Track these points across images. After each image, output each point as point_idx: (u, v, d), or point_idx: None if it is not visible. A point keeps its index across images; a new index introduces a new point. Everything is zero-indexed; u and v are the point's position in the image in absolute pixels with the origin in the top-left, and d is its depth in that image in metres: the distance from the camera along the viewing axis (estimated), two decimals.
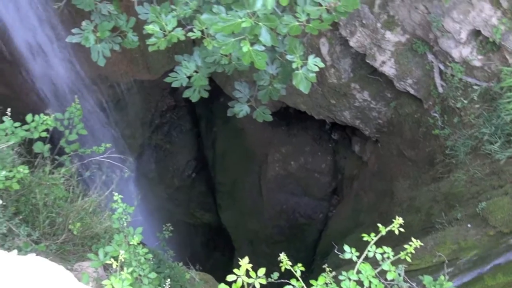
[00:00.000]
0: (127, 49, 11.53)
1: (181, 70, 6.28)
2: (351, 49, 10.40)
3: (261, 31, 5.09)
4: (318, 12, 5.41)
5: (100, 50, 6.50)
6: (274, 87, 6.73)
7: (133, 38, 6.64)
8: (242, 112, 7.07)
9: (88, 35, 6.43)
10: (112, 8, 6.51)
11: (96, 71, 12.66)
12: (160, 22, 5.78)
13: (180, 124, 17.11)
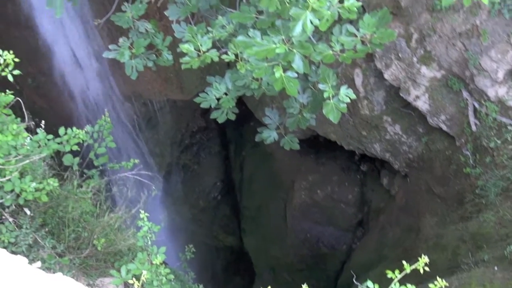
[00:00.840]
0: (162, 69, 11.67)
1: (211, 92, 6.32)
2: (385, 81, 10.36)
3: (295, 57, 5.10)
4: (352, 42, 5.41)
5: (134, 65, 6.58)
6: (304, 116, 6.71)
7: (168, 57, 6.70)
8: (269, 139, 7.07)
9: (124, 51, 6.51)
10: (149, 26, 6.61)
11: (130, 88, 12.80)
12: (195, 42, 5.83)
13: (209, 145, 17.17)
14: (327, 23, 4.70)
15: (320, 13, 4.62)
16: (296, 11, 4.65)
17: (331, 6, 4.74)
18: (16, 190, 5.00)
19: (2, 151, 4.98)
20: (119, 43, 6.46)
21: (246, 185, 17.00)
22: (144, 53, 6.48)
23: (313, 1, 4.59)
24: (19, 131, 5.24)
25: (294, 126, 6.80)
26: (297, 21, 4.65)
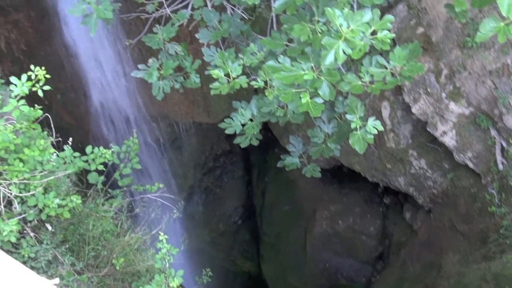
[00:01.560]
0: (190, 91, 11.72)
1: (236, 117, 6.36)
2: (412, 115, 10.31)
3: (322, 85, 5.12)
4: (382, 74, 5.41)
5: (161, 86, 6.64)
6: (328, 146, 6.71)
7: (195, 79, 6.78)
8: (292, 166, 7.07)
9: (153, 71, 6.61)
10: (179, 49, 6.69)
11: (157, 109, 12.88)
12: (225, 68, 5.87)
13: (232, 169, 17.16)
14: (360, 52, 4.70)
15: (353, 43, 4.62)
16: (329, 41, 4.66)
17: (364, 36, 4.74)
18: (39, 205, 5.03)
19: (28, 166, 5.02)
20: (148, 63, 6.53)
21: (267, 211, 16.93)
22: (172, 74, 6.56)
23: (346, 31, 4.59)
24: (46, 147, 5.27)
25: (317, 155, 6.80)
26: (329, 50, 4.66)
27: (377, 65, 5.37)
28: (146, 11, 7.03)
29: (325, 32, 5.07)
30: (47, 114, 5.52)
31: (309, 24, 5.22)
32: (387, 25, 4.89)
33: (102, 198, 6.10)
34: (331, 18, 4.65)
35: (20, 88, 4.76)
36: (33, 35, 11.12)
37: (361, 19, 4.71)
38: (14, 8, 10.65)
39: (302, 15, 5.39)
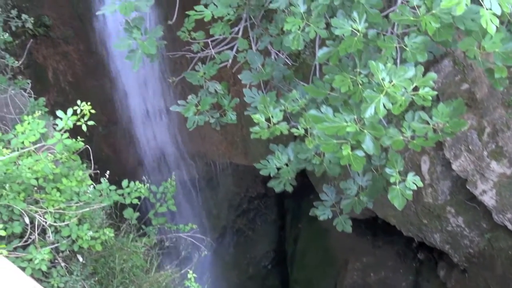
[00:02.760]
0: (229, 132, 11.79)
1: (272, 160, 6.37)
2: (452, 172, 10.18)
3: (365, 138, 5.08)
4: (424, 130, 5.36)
5: (196, 121, 6.71)
6: (360, 199, 6.65)
7: (232, 117, 6.87)
8: (323, 216, 7.00)
9: (191, 107, 6.70)
10: (219, 87, 6.78)
11: (196, 147, 12.96)
12: (266, 113, 5.89)
13: (266, 213, 17.08)
14: (401, 108, 4.68)
15: (394, 98, 4.60)
16: (370, 94, 4.65)
17: (406, 92, 4.72)
18: (72, 236, 5.06)
19: (65, 196, 5.07)
20: (188, 99, 6.61)
21: (298, 258, 16.74)
22: (208, 111, 6.67)
23: (388, 85, 4.58)
24: (84, 178, 5.34)
25: (348, 208, 6.74)
26: (370, 103, 4.64)
27: (419, 120, 5.33)
28: (192, 50, 7.13)
29: (366, 85, 5.07)
30: (88, 146, 5.59)
31: (351, 74, 5.23)
32: (430, 83, 4.87)
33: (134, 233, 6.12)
34: (374, 72, 4.65)
35: (65, 122, 4.85)
36: (80, 67, 11.35)
37: (404, 75, 4.71)
38: (64, 40, 10.91)
39: (344, 65, 5.40)
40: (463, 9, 3.95)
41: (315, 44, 6.25)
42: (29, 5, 9.59)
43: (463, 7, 3.94)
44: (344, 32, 5.07)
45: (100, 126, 11.80)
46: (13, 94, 6.82)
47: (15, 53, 7.89)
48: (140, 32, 6.02)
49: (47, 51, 10.77)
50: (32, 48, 9.64)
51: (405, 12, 4.91)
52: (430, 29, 4.72)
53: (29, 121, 5.17)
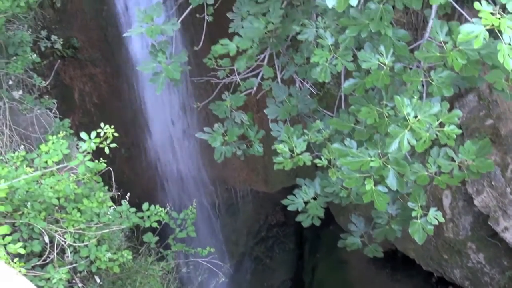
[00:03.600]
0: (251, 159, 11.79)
1: (299, 195, 6.36)
2: (474, 207, 10.08)
3: (389, 174, 5.07)
4: (449, 167, 5.33)
5: (224, 151, 6.75)
6: (392, 227, 6.62)
7: (258, 148, 6.91)
8: (353, 246, 7.00)
9: (217, 136, 6.76)
10: (245, 118, 6.80)
11: (217, 173, 12.97)
12: (290, 144, 5.91)
13: (284, 241, 16.98)
14: (425, 145, 4.67)
15: (418, 134, 4.59)
16: (395, 129, 4.65)
17: (431, 128, 4.70)
18: (91, 257, 5.08)
19: (85, 216, 5.10)
20: (214, 128, 6.64)
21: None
22: (235, 141, 6.72)
23: (413, 120, 4.57)
24: (105, 199, 5.37)
25: (381, 237, 6.72)
26: (394, 138, 4.64)
27: (445, 156, 5.31)
28: (217, 76, 7.18)
29: (392, 118, 5.06)
30: (110, 168, 5.63)
31: (377, 107, 5.24)
32: (455, 120, 4.86)
33: (153, 257, 6.13)
34: (399, 106, 4.65)
35: (88, 144, 4.90)
36: (106, 89, 11.46)
37: (429, 110, 4.70)
38: (92, 63, 11.04)
39: (370, 97, 5.41)
40: (481, 43, 3.97)
41: (340, 74, 6.27)
42: (59, 26, 9.72)
43: (480, 40, 3.95)
44: (371, 66, 5.09)
45: (123, 149, 11.87)
46: (38, 114, 6.90)
47: (43, 73, 7.99)
48: (165, 56, 6.09)
49: (74, 72, 10.89)
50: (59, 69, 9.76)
51: (431, 49, 4.92)
52: (456, 65, 4.72)
53: (53, 141, 5.22)
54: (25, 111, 6.85)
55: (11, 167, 5.11)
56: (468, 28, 3.97)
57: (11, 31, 6.74)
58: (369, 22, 4.96)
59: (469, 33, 3.95)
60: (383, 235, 6.63)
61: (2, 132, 6.37)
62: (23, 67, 6.64)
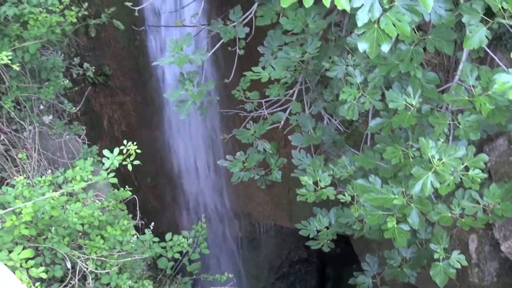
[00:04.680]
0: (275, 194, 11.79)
1: (313, 222, 6.43)
2: (501, 253, 9.90)
3: (412, 212, 5.06)
4: (474, 209, 5.29)
5: (241, 176, 6.86)
6: (403, 270, 6.57)
7: (277, 175, 7.01)
8: (363, 285, 6.94)
9: (237, 163, 6.87)
10: (269, 146, 6.87)
11: (241, 206, 12.95)
12: (315, 176, 5.93)
13: (306, 279, 16.83)
14: (448, 188, 4.65)
15: (442, 177, 4.57)
16: (418, 170, 4.64)
17: (455, 171, 4.68)
18: (112, 284, 5.09)
19: (108, 244, 5.12)
20: (236, 155, 6.77)
21: None
22: (255, 168, 6.83)
23: (437, 163, 4.55)
24: (128, 227, 5.39)
25: (391, 276, 6.69)
26: (417, 180, 4.63)
27: (469, 199, 5.27)
28: (245, 109, 7.23)
29: (417, 159, 5.05)
30: (135, 196, 5.66)
31: (403, 147, 5.23)
32: (481, 164, 4.83)
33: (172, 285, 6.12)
34: (423, 148, 4.64)
35: (111, 161, 4.93)
36: (134, 118, 11.56)
37: (454, 154, 4.68)
38: (122, 91, 11.17)
39: (397, 137, 5.40)
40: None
41: (368, 113, 6.28)
42: (92, 54, 9.88)
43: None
44: (398, 106, 5.09)
45: (148, 177, 11.93)
46: (67, 139, 6.99)
47: (74, 99, 8.10)
48: (192, 84, 6.18)
49: (105, 99, 11.02)
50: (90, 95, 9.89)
51: (460, 92, 4.91)
52: (484, 110, 4.70)
53: (80, 167, 5.27)
54: (54, 136, 6.94)
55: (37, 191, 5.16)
56: (504, 78, 3.93)
57: (45, 57, 6.87)
58: (399, 63, 4.96)
59: (504, 83, 3.92)
60: (392, 275, 6.61)
61: (31, 156, 6.45)
62: (54, 93, 6.74)
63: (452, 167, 4.64)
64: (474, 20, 4.65)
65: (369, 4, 4.11)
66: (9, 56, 5.29)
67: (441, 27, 4.88)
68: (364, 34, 4.31)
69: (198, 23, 6.91)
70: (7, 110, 6.28)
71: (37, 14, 5.96)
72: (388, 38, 4.28)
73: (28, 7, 5.99)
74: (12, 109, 6.30)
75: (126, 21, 7.82)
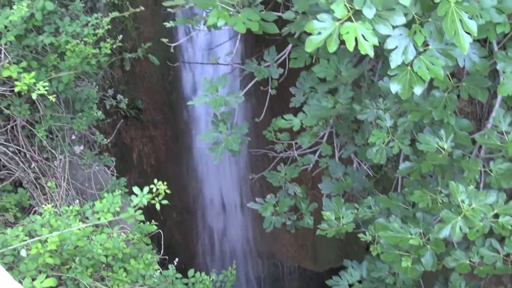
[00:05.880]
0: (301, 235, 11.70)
1: (344, 276, 6.33)
2: None
3: (426, 253, 5.07)
4: (493, 258, 5.22)
5: (273, 221, 6.81)
6: None
7: (309, 221, 6.94)
8: None
9: (268, 206, 6.80)
10: (299, 190, 6.84)
11: (266, 246, 12.87)
12: (338, 213, 5.91)
13: None
14: (477, 233, 4.61)
15: (471, 222, 4.52)
16: (448, 214, 4.60)
17: (485, 218, 4.63)
18: None
19: (130, 277, 5.11)
20: (266, 198, 6.66)
21: None
22: (286, 212, 6.75)
23: (467, 208, 4.52)
24: (152, 262, 5.37)
25: None
26: (446, 224, 4.60)
27: (490, 247, 5.19)
28: (275, 150, 7.23)
29: (445, 204, 5.02)
30: (160, 231, 5.65)
31: (431, 192, 5.21)
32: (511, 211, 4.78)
33: None
34: (453, 192, 4.60)
35: (140, 199, 4.94)
36: (164, 152, 11.63)
37: (485, 200, 4.64)
38: (153, 125, 11.27)
39: (426, 182, 5.37)
40: None
41: (398, 158, 6.24)
42: (126, 87, 10.00)
43: None
44: (429, 149, 5.06)
45: (174, 212, 11.95)
46: (96, 170, 7.03)
47: (105, 130, 8.18)
48: (226, 127, 6.17)
49: (136, 132, 11.12)
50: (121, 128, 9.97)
51: (492, 137, 4.88)
52: None
53: (108, 198, 5.28)
54: (84, 166, 6.99)
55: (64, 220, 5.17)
56: None
57: (80, 88, 6.96)
58: (433, 109, 4.94)
59: None
60: None
61: (60, 185, 6.49)
62: (87, 124, 6.81)
63: (482, 213, 4.59)
64: (509, 67, 4.64)
65: (403, 46, 4.12)
66: (46, 87, 5.37)
67: (475, 74, 4.87)
68: (397, 75, 4.31)
69: (232, 61, 6.95)
70: (39, 138, 6.35)
71: (74, 45, 6.06)
72: (421, 81, 4.27)
73: (65, 36, 6.09)
74: (44, 138, 6.37)
75: (161, 56, 7.92)
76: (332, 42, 3.78)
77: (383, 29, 3.85)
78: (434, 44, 4.24)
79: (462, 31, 3.80)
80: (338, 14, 3.73)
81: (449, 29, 3.78)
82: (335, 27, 3.78)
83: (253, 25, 4.87)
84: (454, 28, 3.77)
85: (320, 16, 3.80)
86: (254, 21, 4.87)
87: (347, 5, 3.74)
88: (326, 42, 3.80)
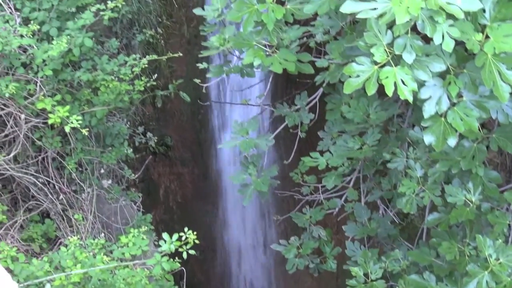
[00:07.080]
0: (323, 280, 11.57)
1: None
2: None
3: None
4: None
5: (296, 264, 6.74)
6: None
7: (332, 265, 6.87)
8: None
9: (292, 248, 6.76)
10: (323, 233, 6.81)
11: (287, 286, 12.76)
12: (366, 268, 5.83)
13: None
14: None
15: (498, 277, 4.44)
16: (474, 269, 4.53)
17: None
18: None
19: None
20: (290, 240, 6.61)
21: None
22: (309, 255, 6.72)
23: (494, 263, 4.45)
24: None
25: None
26: (472, 278, 4.52)
27: None
28: (301, 192, 7.22)
29: (473, 257, 4.94)
30: (183, 268, 5.65)
31: (459, 244, 5.13)
32: None
33: None
34: (480, 246, 4.54)
35: (168, 246, 4.96)
36: (190, 190, 11.67)
37: None
38: (181, 162, 11.33)
39: (454, 233, 5.30)
40: None
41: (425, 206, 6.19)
42: (156, 124, 10.11)
43: None
44: (457, 201, 5.01)
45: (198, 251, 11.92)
46: (123, 205, 7.08)
47: (133, 166, 8.24)
48: (255, 169, 6.19)
49: (163, 169, 11.19)
50: (149, 164, 10.05)
51: None
52: None
53: (134, 234, 5.31)
54: (110, 200, 7.04)
55: (89, 253, 5.20)
56: None
57: (111, 123, 7.05)
58: (461, 159, 4.90)
59: None
60: None
61: (86, 217, 6.55)
62: (116, 158, 6.88)
63: (509, 268, 4.51)
64: None
65: (437, 97, 4.10)
66: (79, 120, 5.46)
67: (507, 127, 4.82)
68: (431, 127, 4.28)
69: (262, 103, 7.00)
70: (69, 170, 6.43)
71: (109, 82, 6.17)
72: (455, 133, 4.25)
73: (102, 74, 6.20)
74: (74, 170, 6.44)
75: (192, 95, 7.99)
76: (371, 86, 3.77)
77: (422, 75, 3.83)
78: (468, 96, 4.21)
79: (501, 81, 3.76)
80: (378, 58, 3.73)
81: (487, 80, 3.75)
82: (374, 71, 3.76)
83: (289, 65, 4.88)
84: (492, 78, 3.75)
85: (359, 59, 3.80)
86: (291, 62, 4.90)
87: (387, 49, 3.75)
88: (364, 85, 3.80)
